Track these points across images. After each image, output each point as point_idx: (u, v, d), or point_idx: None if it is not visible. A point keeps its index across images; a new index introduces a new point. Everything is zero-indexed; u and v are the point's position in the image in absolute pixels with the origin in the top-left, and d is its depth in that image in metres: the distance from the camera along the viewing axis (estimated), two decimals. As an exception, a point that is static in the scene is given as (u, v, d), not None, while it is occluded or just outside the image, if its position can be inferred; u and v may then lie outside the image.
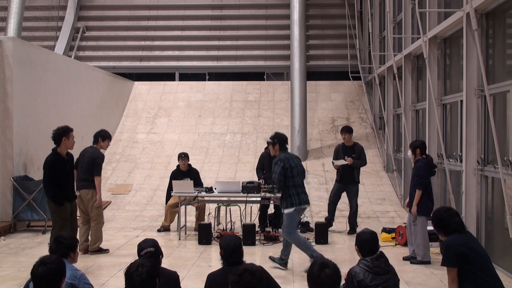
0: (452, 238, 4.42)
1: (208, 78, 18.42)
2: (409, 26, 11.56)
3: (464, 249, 4.28)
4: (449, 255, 4.33)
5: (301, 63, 14.63)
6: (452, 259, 4.30)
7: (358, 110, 16.18)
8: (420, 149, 7.70)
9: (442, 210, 4.65)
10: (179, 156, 10.10)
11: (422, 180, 7.50)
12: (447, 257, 4.35)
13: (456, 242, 4.35)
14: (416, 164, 7.63)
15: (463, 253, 4.26)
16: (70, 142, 7.22)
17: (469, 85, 7.72)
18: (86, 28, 18.99)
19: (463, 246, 4.31)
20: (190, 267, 7.41)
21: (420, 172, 7.50)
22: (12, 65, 9.90)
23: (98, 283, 6.50)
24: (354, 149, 9.69)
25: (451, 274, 4.32)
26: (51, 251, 4.29)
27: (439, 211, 4.64)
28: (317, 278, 3.36)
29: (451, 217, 4.50)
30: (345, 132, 9.76)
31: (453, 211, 4.64)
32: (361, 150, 9.73)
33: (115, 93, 15.86)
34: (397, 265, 7.20)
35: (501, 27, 7.46)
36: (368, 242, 4.43)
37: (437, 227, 4.57)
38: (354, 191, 9.67)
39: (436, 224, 4.58)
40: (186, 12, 19.15)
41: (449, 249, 4.35)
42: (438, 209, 4.71)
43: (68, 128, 7.24)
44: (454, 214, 4.57)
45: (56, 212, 7.20)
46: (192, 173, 10.00)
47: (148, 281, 3.41)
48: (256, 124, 15.75)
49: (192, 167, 10.19)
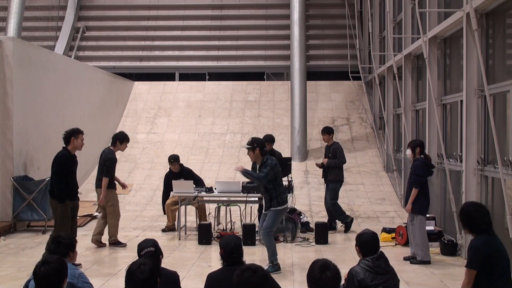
0: (480, 240, 4.31)
1: (208, 78, 18.42)
2: (409, 26, 11.56)
3: (491, 251, 4.23)
4: (475, 257, 4.24)
5: (301, 63, 14.63)
6: (477, 261, 4.23)
7: (358, 110, 16.18)
8: (420, 148, 7.71)
9: (473, 207, 4.45)
10: (169, 161, 10.07)
11: (420, 179, 7.51)
12: (473, 259, 4.25)
13: (483, 245, 4.26)
14: (414, 162, 7.64)
15: (488, 256, 4.20)
16: (78, 143, 7.45)
17: (469, 85, 7.72)
18: (86, 28, 18.99)
19: (490, 248, 4.25)
20: (190, 267, 7.41)
21: (418, 170, 7.51)
22: (12, 65, 9.90)
23: (98, 282, 6.50)
24: (330, 149, 9.90)
25: (469, 276, 4.26)
26: (50, 251, 4.29)
27: (469, 208, 4.44)
28: (319, 280, 3.35)
29: (482, 216, 4.35)
30: (324, 133, 10.03)
31: (484, 210, 4.45)
32: (336, 149, 9.87)
33: (115, 93, 15.86)
34: (397, 265, 7.21)
35: (501, 27, 7.46)
36: (369, 243, 4.42)
37: (465, 223, 4.42)
38: (329, 189, 9.83)
39: (465, 221, 4.41)
40: (186, 12, 19.15)
41: (477, 251, 4.26)
42: (468, 205, 4.53)
43: (77, 129, 7.54)
44: (485, 214, 4.40)
45: (57, 210, 7.30)
46: (185, 173, 9.96)
47: (150, 279, 3.41)
48: (256, 124, 15.75)
49: (184, 167, 10.16)
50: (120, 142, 8.71)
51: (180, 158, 10.22)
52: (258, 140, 7.25)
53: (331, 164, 9.75)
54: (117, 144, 8.69)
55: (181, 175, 9.84)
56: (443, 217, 9.42)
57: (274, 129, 15.18)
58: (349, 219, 9.83)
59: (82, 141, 7.52)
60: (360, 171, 13.67)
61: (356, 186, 12.94)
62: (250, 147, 7.07)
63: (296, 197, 10.44)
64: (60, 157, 7.35)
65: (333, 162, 9.75)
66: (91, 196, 12.30)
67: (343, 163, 9.91)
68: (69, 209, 7.35)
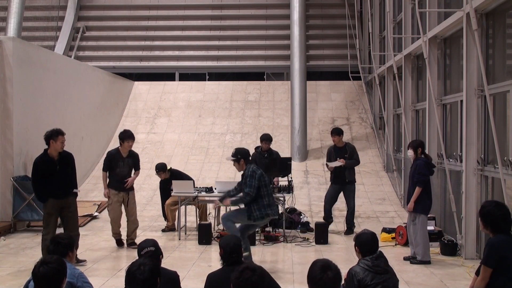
0: (498, 239, 4.33)
1: (208, 78, 18.42)
2: (409, 26, 11.56)
3: (507, 252, 4.25)
4: (491, 255, 4.28)
5: (301, 63, 14.63)
6: (493, 259, 4.26)
7: (358, 110, 16.18)
8: (421, 148, 7.71)
9: (496, 207, 4.44)
10: (156, 171, 10.05)
11: (423, 178, 7.49)
12: (489, 257, 4.29)
13: (501, 244, 4.29)
14: (416, 162, 7.62)
15: (504, 257, 4.23)
16: (57, 145, 7.41)
17: (469, 85, 7.72)
18: (86, 28, 18.99)
19: (506, 249, 4.27)
20: (190, 267, 7.41)
21: (421, 169, 7.49)
22: (12, 65, 9.90)
23: (98, 282, 6.49)
24: (345, 150, 9.73)
25: (485, 273, 4.29)
26: (49, 252, 4.29)
27: (492, 207, 4.43)
28: (319, 280, 3.34)
29: (504, 216, 4.37)
30: (334, 134, 9.81)
31: (506, 209, 4.47)
32: (353, 150, 9.78)
33: (115, 93, 15.86)
34: (397, 265, 7.22)
35: (501, 27, 7.46)
36: (368, 243, 4.42)
37: (487, 223, 4.42)
38: (351, 191, 9.71)
39: (487, 220, 4.40)
40: (186, 12, 19.15)
41: (493, 249, 4.29)
42: (490, 204, 4.51)
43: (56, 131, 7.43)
44: (507, 213, 4.42)
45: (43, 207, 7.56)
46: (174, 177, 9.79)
47: (150, 279, 3.41)
48: (256, 124, 15.75)
49: (173, 171, 10.10)
50: (121, 141, 8.77)
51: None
52: (242, 151, 7.18)
53: (350, 165, 9.57)
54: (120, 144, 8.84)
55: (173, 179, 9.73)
56: (443, 217, 9.42)
57: (274, 129, 15.18)
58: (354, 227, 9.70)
59: (62, 143, 7.46)
60: (360, 171, 13.62)
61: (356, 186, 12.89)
62: (235, 159, 7.06)
63: (296, 197, 10.43)
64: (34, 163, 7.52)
65: (352, 163, 9.61)
66: (91, 196, 12.31)
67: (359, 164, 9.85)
68: (52, 208, 7.37)
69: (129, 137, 8.81)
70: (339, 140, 9.76)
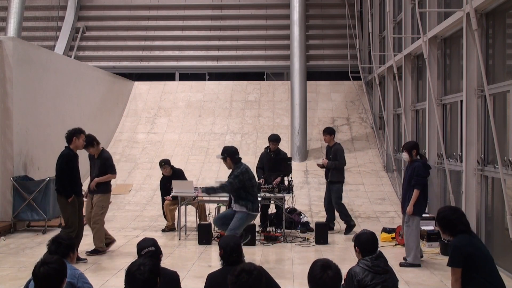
0: (459, 238, 4.39)
1: (208, 78, 18.42)
2: (409, 26, 11.56)
3: (471, 250, 4.28)
4: (456, 255, 4.31)
5: (301, 63, 14.63)
6: (458, 259, 4.29)
7: (358, 110, 16.18)
8: (416, 150, 7.67)
9: (450, 211, 4.55)
10: (160, 165, 10.19)
11: (422, 180, 7.47)
12: (454, 257, 4.33)
13: (463, 243, 4.34)
14: (413, 164, 7.56)
15: (470, 254, 4.26)
16: (79, 143, 7.66)
17: (469, 85, 7.72)
18: (86, 28, 18.99)
19: (470, 246, 4.31)
20: (190, 267, 7.41)
21: (420, 172, 7.46)
22: (12, 65, 9.90)
23: (98, 283, 6.50)
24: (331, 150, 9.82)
25: (455, 275, 4.32)
26: (50, 252, 4.29)
27: (446, 212, 4.54)
28: (319, 280, 3.35)
29: (459, 218, 4.46)
30: (325, 133, 9.95)
31: (460, 211, 4.58)
32: (336, 151, 9.78)
33: (115, 93, 15.86)
34: (397, 265, 7.23)
35: (501, 27, 7.46)
36: (368, 243, 4.43)
37: (444, 227, 4.50)
38: (333, 191, 9.76)
39: (443, 225, 4.50)
40: (186, 12, 19.14)
41: (456, 249, 4.33)
42: (444, 210, 4.61)
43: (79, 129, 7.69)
44: (462, 215, 4.52)
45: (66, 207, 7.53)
46: (176, 175, 9.98)
47: (150, 280, 3.41)
48: (256, 124, 15.75)
49: (175, 169, 10.22)
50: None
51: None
52: (228, 149, 7.50)
53: (330, 166, 9.68)
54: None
55: (174, 177, 9.81)
56: (443, 217, 9.40)
57: (274, 129, 15.16)
58: (352, 222, 9.74)
59: (83, 140, 7.72)
60: (360, 171, 13.67)
61: (356, 186, 12.94)
62: (222, 157, 7.43)
63: (296, 197, 10.43)
64: (65, 155, 7.58)
65: (333, 164, 9.67)
66: (91, 196, 12.31)
67: (343, 166, 9.80)
68: (76, 205, 7.57)
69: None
70: (329, 140, 9.89)
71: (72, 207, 7.54)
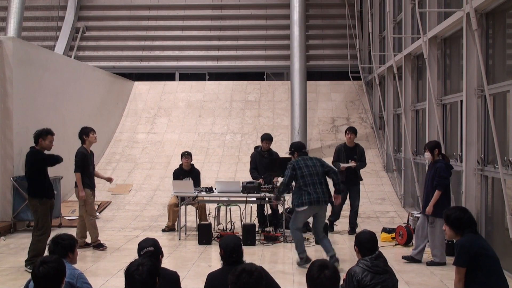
0: (466, 238, 4.39)
1: (208, 78, 18.42)
2: (409, 26, 11.56)
3: (477, 250, 4.28)
4: (462, 254, 4.31)
5: (301, 63, 14.62)
6: (464, 259, 4.29)
7: (358, 110, 16.18)
8: (438, 149, 7.60)
9: (461, 212, 4.53)
10: (182, 155, 10.16)
11: (445, 181, 7.39)
12: (460, 257, 4.33)
13: (469, 243, 4.34)
14: (436, 164, 7.46)
15: (476, 254, 4.26)
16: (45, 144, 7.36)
17: (469, 85, 7.72)
18: (86, 28, 18.99)
19: (476, 246, 4.31)
20: (190, 267, 7.41)
21: (442, 172, 7.37)
22: (12, 65, 9.90)
23: (98, 283, 6.50)
24: (355, 151, 9.74)
25: (459, 274, 4.32)
26: (50, 252, 4.30)
27: (457, 213, 4.52)
28: (317, 279, 3.36)
29: (470, 217, 4.48)
30: (351, 132, 9.83)
31: (469, 212, 4.58)
32: (363, 152, 9.84)
33: (115, 93, 15.86)
34: (397, 265, 7.23)
35: (501, 27, 7.46)
36: (367, 243, 4.43)
37: (457, 228, 4.48)
38: (356, 191, 9.74)
39: (457, 226, 4.47)
40: (186, 12, 19.14)
41: (463, 249, 4.33)
42: (454, 210, 4.58)
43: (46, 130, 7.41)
44: (471, 214, 4.54)
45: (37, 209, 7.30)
46: (194, 173, 10.03)
47: (148, 280, 3.40)
48: (256, 124, 15.75)
49: (194, 167, 10.24)
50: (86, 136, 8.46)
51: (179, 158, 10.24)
52: (295, 145, 7.87)
53: (359, 167, 9.68)
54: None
55: (190, 174, 9.88)
56: (443, 217, 9.40)
57: (274, 129, 15.17)
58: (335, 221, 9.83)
59: (50, 142, 7.40)
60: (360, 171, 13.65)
61: (356, 186, 12.91)
62: (290, 152, 7.78)
63: (296, 197, 10.41)
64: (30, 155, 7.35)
65: (361, 165, 9.73)
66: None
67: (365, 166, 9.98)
68: (48, 207, 7.34)
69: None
70: (353, 140, 9.82)
71: (44, 209, 7.28)
